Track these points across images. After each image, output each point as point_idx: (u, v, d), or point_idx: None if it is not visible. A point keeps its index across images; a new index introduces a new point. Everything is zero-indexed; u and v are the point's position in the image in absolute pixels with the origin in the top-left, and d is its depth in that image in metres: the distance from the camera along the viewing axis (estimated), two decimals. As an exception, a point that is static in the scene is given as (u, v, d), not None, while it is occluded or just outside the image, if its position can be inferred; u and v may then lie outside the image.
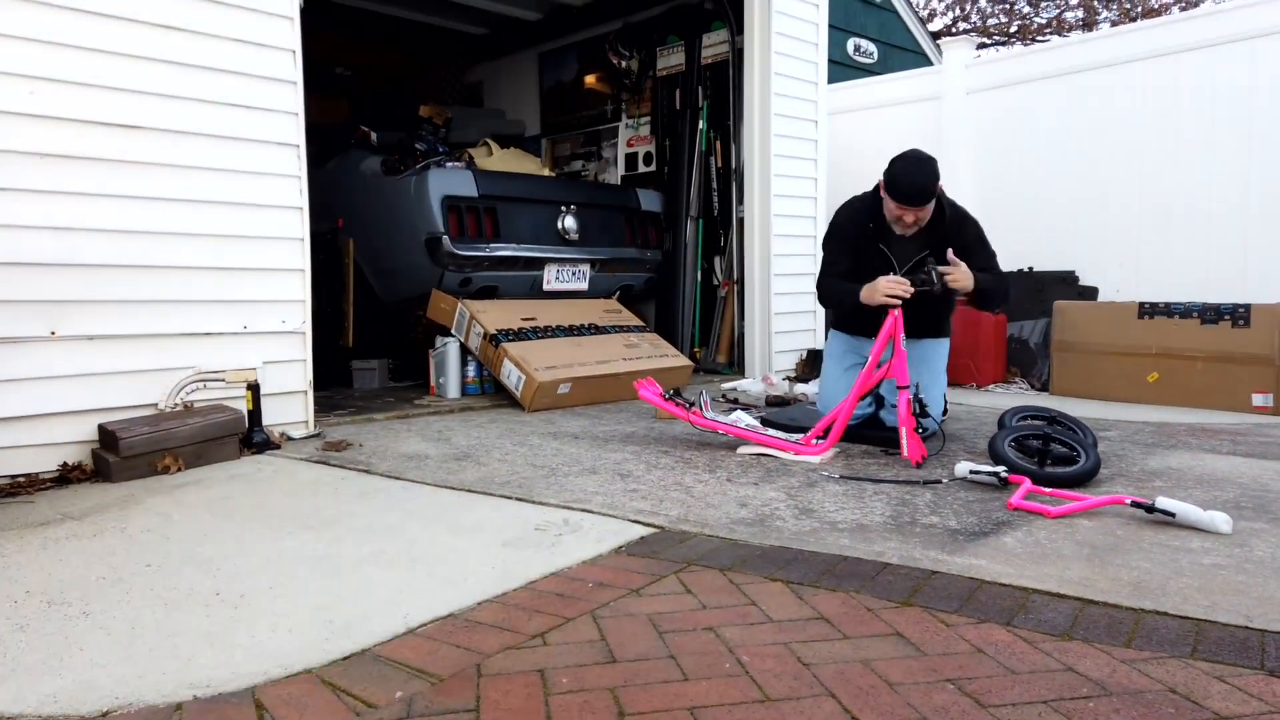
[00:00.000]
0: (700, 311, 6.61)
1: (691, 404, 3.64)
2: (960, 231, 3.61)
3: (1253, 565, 2.14)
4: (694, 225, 6.56)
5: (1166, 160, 5.53)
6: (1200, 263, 5.41)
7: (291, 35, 3.74)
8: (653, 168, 7.00)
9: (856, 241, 3.67)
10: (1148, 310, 5.11)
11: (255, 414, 3.57)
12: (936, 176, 3.48)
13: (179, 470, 3.19)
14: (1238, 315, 4.78)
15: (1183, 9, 14.84)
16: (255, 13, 3.64)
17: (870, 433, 3.68)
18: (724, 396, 5.15)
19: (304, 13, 3.84)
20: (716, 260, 6.55)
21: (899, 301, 3.40)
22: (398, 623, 1.83)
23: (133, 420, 3.25)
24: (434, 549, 2.31)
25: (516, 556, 2.23)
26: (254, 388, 3.58)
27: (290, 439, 3.75)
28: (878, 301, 3.45)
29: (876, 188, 3.62)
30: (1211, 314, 4.88)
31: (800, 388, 5.39)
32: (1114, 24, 15.54)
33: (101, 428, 3.23)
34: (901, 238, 3.61)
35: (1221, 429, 4.20)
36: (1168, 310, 5.04)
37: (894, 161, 3.52)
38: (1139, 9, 15.86)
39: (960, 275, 3.45)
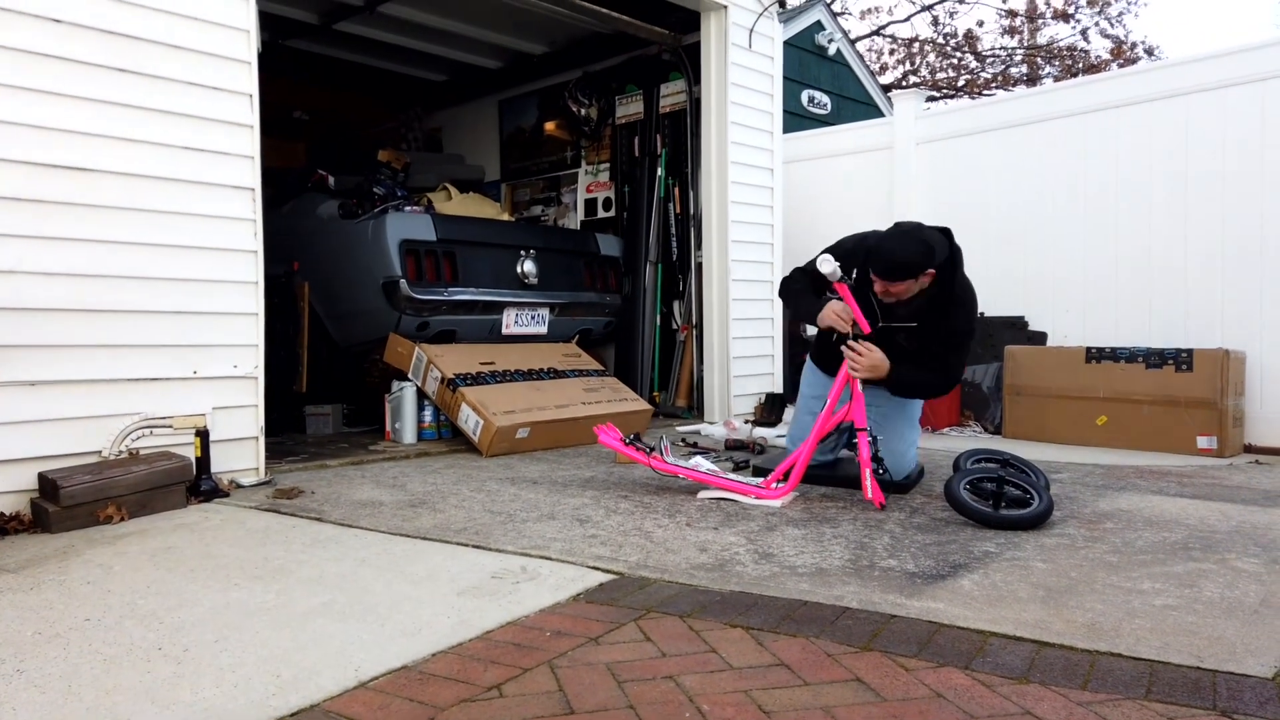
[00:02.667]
0: (660, 355, 6.63)
1: (652, 449, 3.63)
2: (945, 316, 3.42)
3: (1202, 605, 2.17)
4: (653, 270, 6.61)
5: (1109, 211, 5.71)
6: (1144, 309, 5.57)
7: (249, 80, 3.73)
8: (612, 213, 7.07)
9: (849, 269, 3.43)
10: (1095, 355, 5.24)
11: (204, 461, 3.48)
12: (919, 256, 3.23)
13: (122, 520, 3.09)
14: (1181, 360, 4.92)
15: (1121, 65, 15.50)
16: (213, 57, 3.63)
17: (827, 474, 3.69)
18: (684, 440, 5.15)
19: (263, 57, 3.84)
20: (675, 305, 6.60)
21: (843, 332, 3.37)
22: (349, 676, 1.78)
23: (74, 468, 3.15)
24: (387, 599, 2.25)
25: (472, 605, 2.19)
26: (203, 434, 3.49)
27: (240, 486, 3.66)
28: (825, 323, 3.41)
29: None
30: (1156, 359, 5.02)
31: (760, 431, 5.41)
32: (1056, 79, 16.16)
33: (42, 476, 3.12)
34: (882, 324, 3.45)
35: (1168, 471, 4.29)
36: (1114, 355, 5.17)
37: (889, 229, 3.38)
38: (1080, 65, 16.52)
39: (863, 364, 3.30)
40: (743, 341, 6.14)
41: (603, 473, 4.09)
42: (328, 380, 5.64)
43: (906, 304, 3.41)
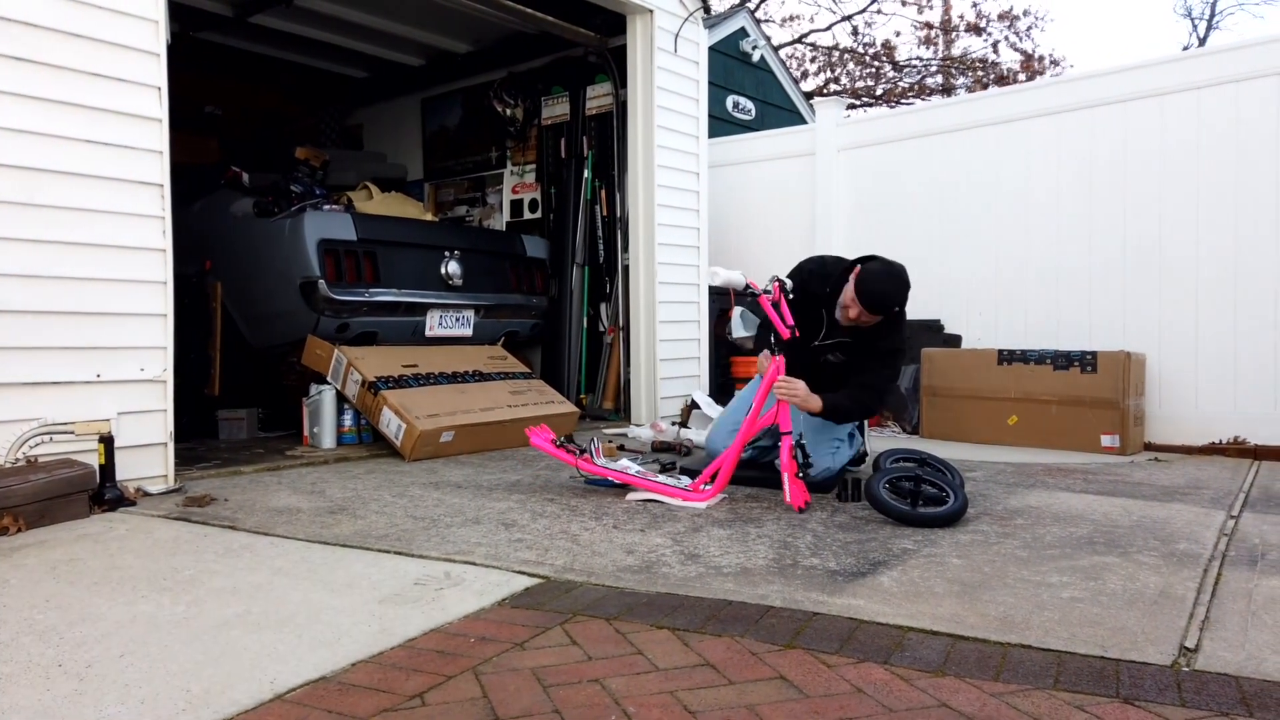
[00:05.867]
0: (586, 358, 6.62)
1: (583, 450, 3.62)
2: (878, 337, 3.60)
3: (1106, 597, 2.27)
4: (580, 272, 6.59)
5: (1021, 218, 5.93)
6: (1052, 312, 5.80)
7: (157, 72, 3.59)
8: (538, 215, 7.03)
9: (805, 290, 3.63)
10: (1006, 357, 5.43)
11: (108, 468, 3.33)
12: (904, 299, 3.52)
13: (19, 531, 2.93)
14: (1086, 362, 5.14)
15: (1029, 78, 16.12)
16: (119, 47, 3.48)
17: (755, 475, 3.74)
18: (610, 442, 5.14)
19: (174, 49, 3.70)
20: (602, 307, 6.59)
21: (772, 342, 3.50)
22: (264, 689, 1.72)
23: (-34, 477, 2.97)
24: (305, 608, 2.19)
25: (394, 613, 2.14)
26: (107, 440, 3.34)
27: (148, 494, 3.51)
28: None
29: (848, 268, 3.60)
30: (1063, 360, 5.23)
31: (686, 433, 5.44)
32: (970, 90, 16.72)
33: (-71, 486, 2.94)
34: (827, 338, 3.68)
35: (1075, 469, 4.47)
36: (1024, 357, 5.37)
37: (878, 262, 3.53)
38: (991, 77, 17.12)
39: (790, 395, 3.37)
40: (670, 344, 6.17)
41: (529, 476, 4.06)
42: (242, 384, 5.46)
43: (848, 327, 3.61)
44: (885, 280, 3.47)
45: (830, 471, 3.65)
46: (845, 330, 3.64)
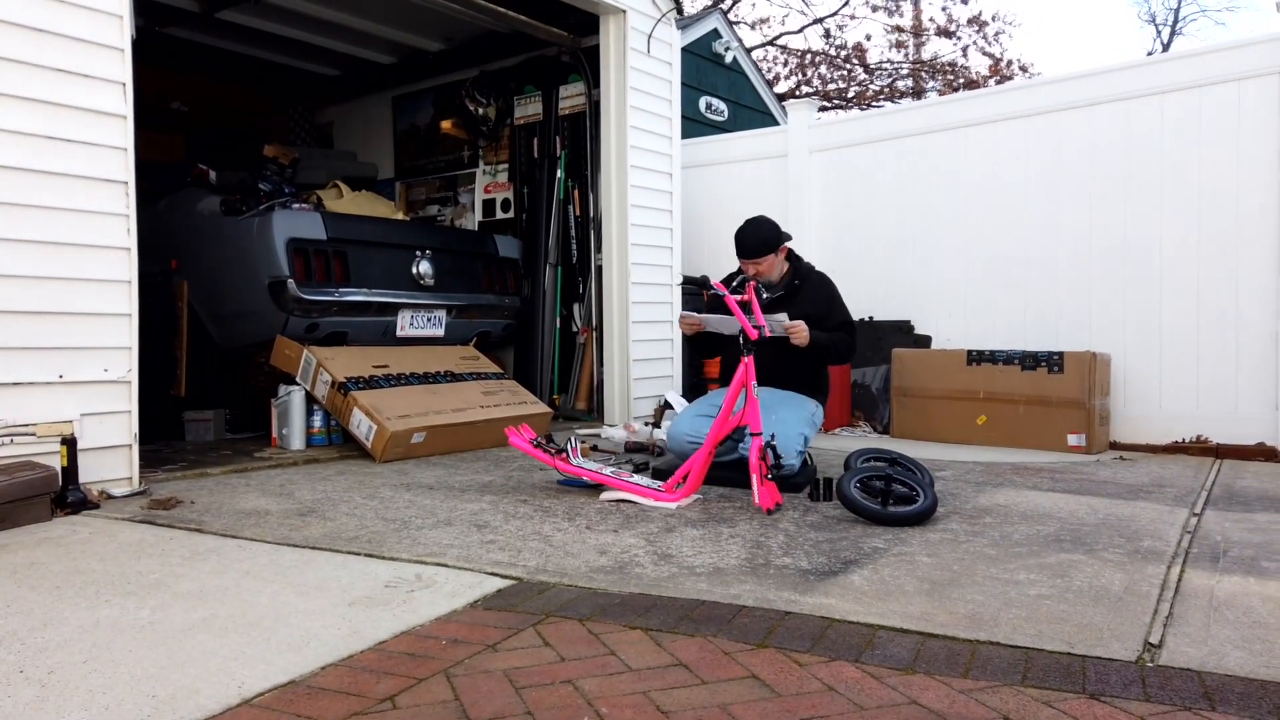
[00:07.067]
0: (559, 358, 6.60)
1: (560, 450, 3.62)
2: (816, 294, 4.03)
3: (1073, 594, 2.30)
4: (553, 272, 6.58)
5: (988, 220, 6.00)
6: (1019, 314, 5.87)
7: (122, 68, 3.53)
8: (511, 214, 7.00)
9: (732, 279, 3.91)
10: (975, 358, 5.49)
11: (71, 470, 3.27)
12: (769, 236, 3.97)
13: (-22, 535, 2.87)
14: (1053, 362, 5.21)
15: (998, 82, 16.31)
16: (82, 42, 3.41)
17: (730, 475, 3.75)
18: (595, 448, 5.12)
19: (139, 45, 3.64)
20: (576, 307, 6.58)
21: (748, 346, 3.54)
22: (231, 693, 1.69)
23: (-77, 480, 2.91)
24: (273, 612, 2.16)
25: (365, 616, 2.12)
26: (70, 442, 3.28)
27: (112, 497, 3.45)
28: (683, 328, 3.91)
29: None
30: (1030, 361, 5.30)
31: (659, 433, 5.44)
32: (940, 93, 16.89)
33: (-117, 489, 2.87)
34: (766, 296, 3.90)
35: (1042, 467, 4.53)
36: (993, 358, 5.44)
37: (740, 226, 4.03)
38: (960, 80, 17.31)
39: (799, 331, 3.74)
40: (643, 344, 6.17)
41: (501, 477, 4.04)
42: (209, 384, 5.38)
43: (777, 301, 3.91)
44: (746, 224, 4.04)
45: (793, 469, 3.67)
46: (778, 304, 3.91)
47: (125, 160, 3.54)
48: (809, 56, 18.01)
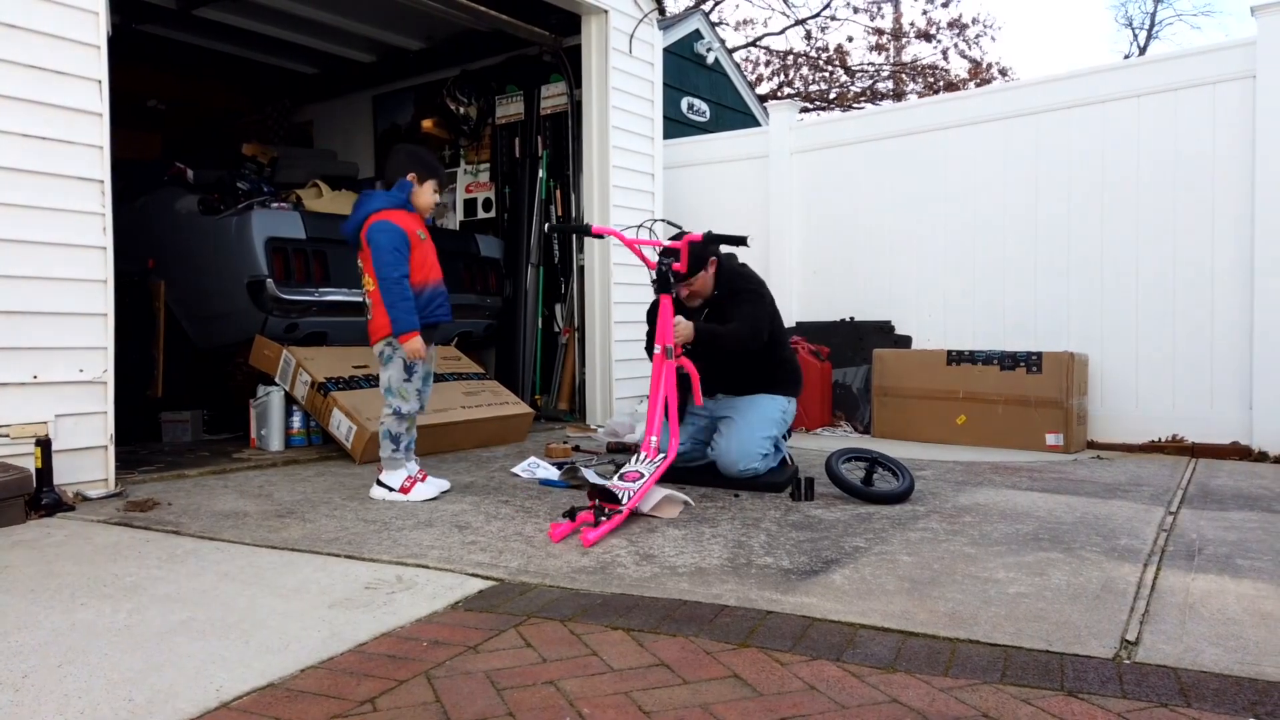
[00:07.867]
0: (541, 358, 6.59)
1: (607, 508, 2.99)
2: (734, 299, 3.87)
3: (1051, 593, 2.32)
4: (535, 272, 6.56)
5: (968, 221, 6.05)
6: (999, 314, 5.92)
7: (98, 65, 3.49)
8: (492, 214, 6.98)
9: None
10: (955, 358, 5.53)
11: (45, 472, 3.23)
12: (698, 248, 3.73)
13: (-50, 538, 2.83)
14: (1031, 362, 5.26)
15: (978, 84, 16.44)
16: (57, 39, 3.37)
17: (704, 478, 3.78)
18: (577, 448, 5.03)
19: (115, 42, 3.60)
20: (557, 307, 6.57)
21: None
22: (209, 697, 1.68)
23: (-107, 482, 2.86)
24: (252, 614, 2.15)
25: (345, 618, 2.11)
26: (44, 443, 3.24)
27: (87, 499, 3.41)
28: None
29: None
30: (1009, 361, 5.34)
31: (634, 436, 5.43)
32: (920, 96, 17.00)
33: None
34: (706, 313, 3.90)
35: (1021, 467, 4.57)
36: (972, 358, 5.47)
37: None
38: (940, 83, 17.42)
39: (681, 330, 3.63)
40: (625, 345, 6.16)
41: (483, 478, 4.03)
42: (186, 385, 5.33)
43: (709, 308, 3.87)
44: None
45: (756, 472, 3.70)
46: (700, 311, 3.88)
47: (101, 158, 3.50)
48: (791, 58, 18.07)
